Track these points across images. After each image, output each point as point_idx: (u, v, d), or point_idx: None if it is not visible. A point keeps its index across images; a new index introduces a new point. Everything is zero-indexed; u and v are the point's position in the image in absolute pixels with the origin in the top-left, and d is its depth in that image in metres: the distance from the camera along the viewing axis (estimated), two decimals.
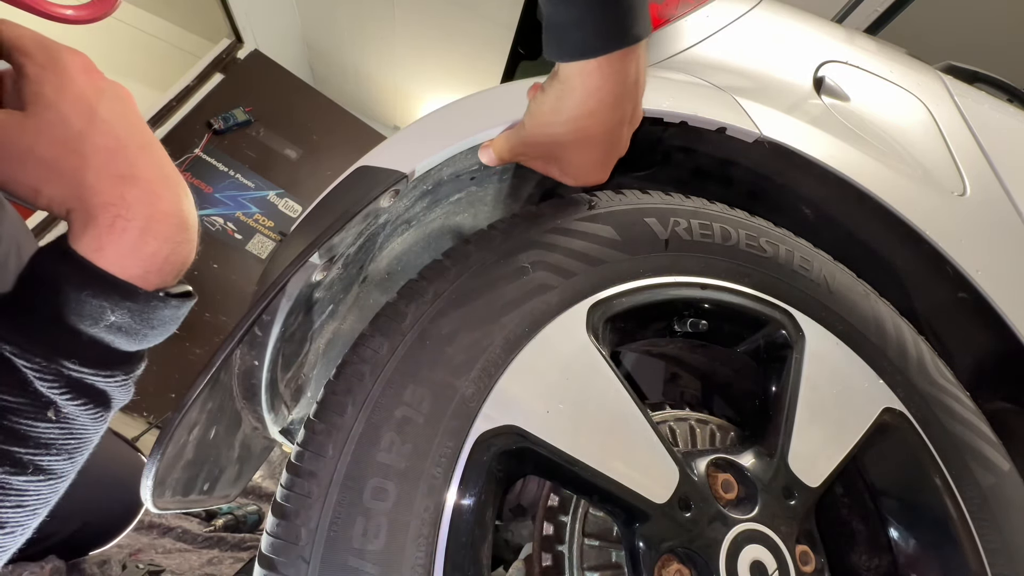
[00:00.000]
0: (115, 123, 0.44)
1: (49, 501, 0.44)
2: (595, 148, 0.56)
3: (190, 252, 0.47)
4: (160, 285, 0.45)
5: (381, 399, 0.48)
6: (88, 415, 0.44)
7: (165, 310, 0.45)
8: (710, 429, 0.65)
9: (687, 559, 0.51)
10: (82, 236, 0.42)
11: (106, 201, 0.42)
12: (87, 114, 0.43)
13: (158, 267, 0.44)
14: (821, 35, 0.96)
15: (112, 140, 0.43)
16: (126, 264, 0.42)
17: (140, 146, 0.45)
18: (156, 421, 2.66)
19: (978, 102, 0.98)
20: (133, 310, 0.43)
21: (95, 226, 0.42)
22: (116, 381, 0.45)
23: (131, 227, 0.42)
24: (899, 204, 0.75)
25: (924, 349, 0.70)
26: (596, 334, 0.56)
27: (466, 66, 4.50)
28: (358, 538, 0.43)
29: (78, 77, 0.44)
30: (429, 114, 0.62)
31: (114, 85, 0.46)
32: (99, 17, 0.50)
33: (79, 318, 0.41)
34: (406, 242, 0.74)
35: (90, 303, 0.41)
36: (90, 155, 0.42)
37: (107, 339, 0.43)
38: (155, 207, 0.43)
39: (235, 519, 1.92)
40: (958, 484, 0.62)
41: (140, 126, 0.46)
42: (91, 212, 0.42)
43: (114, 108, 0.44)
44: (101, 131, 0.43)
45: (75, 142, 0.42)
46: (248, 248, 3.27)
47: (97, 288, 0.41)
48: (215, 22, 3.67)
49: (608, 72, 0.49)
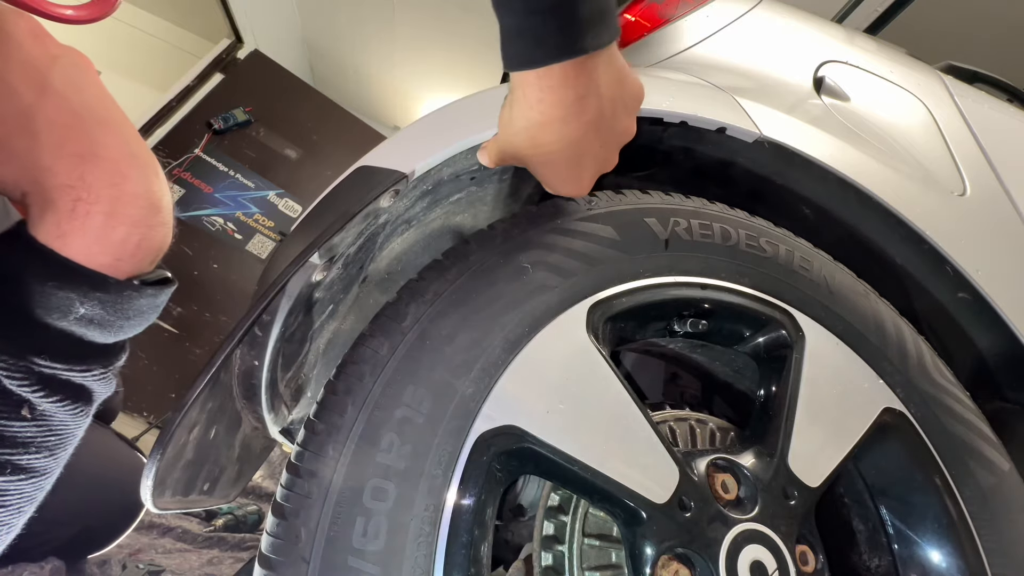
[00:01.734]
0: (71, 95, 0.39)
1: (35, 498, 0.42)
2: (556, 158, 0.51)
3: (165, 235, 0.44)
4: (134, 273, 0.42)
5: (381, 399, 0.48)
6: (66, 411, 0.41)
7: (140, 299, 0.42)
8: (710, 429, 0.65)
9: (687, 559, 0.51)
10: (41, 222, 0.38)
11: (64, 183, 0.38)
12: (37, 85, 0.38)
13: (130, 253, 0.41)
14: (821, 35, 0.96)
15: (67, 114, 0.39)
16: (93, 252, 0.39)
17: (101, 120, 0.40)
18: (156, 421, 2.66)
19: (978, 102, 0.98)
20: (105, 301, 0.40)
21: (54, 211, 0.38)
22: (94, 375, 0.42)
23: (95, 211, 0.38)
24: (899, 204, 0.75)
25: (924, 349, 0.70)
26: (596, 334, 0.56)
27: (466, 66, 4.50)
28: (358, 538, 0.43)
29: (26, 42, 0.38)
30: (429, 114, 0.62)
31: (70, 51, 0.41)
32: (99, 17, 0.49)
33: (45, 311, 0.38)
34: (406, 242, 0.74)
35: (56, 295, 0.38)
36: (43, 132, 0.38)
37: (79, 332, 0.40)
38: (120, 188, 0.39)
39: (235, 519, 1.92)
40: (958, 484, 0.62)
41: (100, 97, 0.41)
42: (49, 196, 0.38)
43: (70, 78, 0.40)
44: (55, 104, 0.38)
45: (24, 117, 0.37)
46: (248, 248, 3.27)
47: (62, 279, 0.38)
48: (215, 22, 3.67)
49: (548, 84, 0.45)
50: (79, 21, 0.47)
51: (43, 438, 0.40)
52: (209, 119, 3.33)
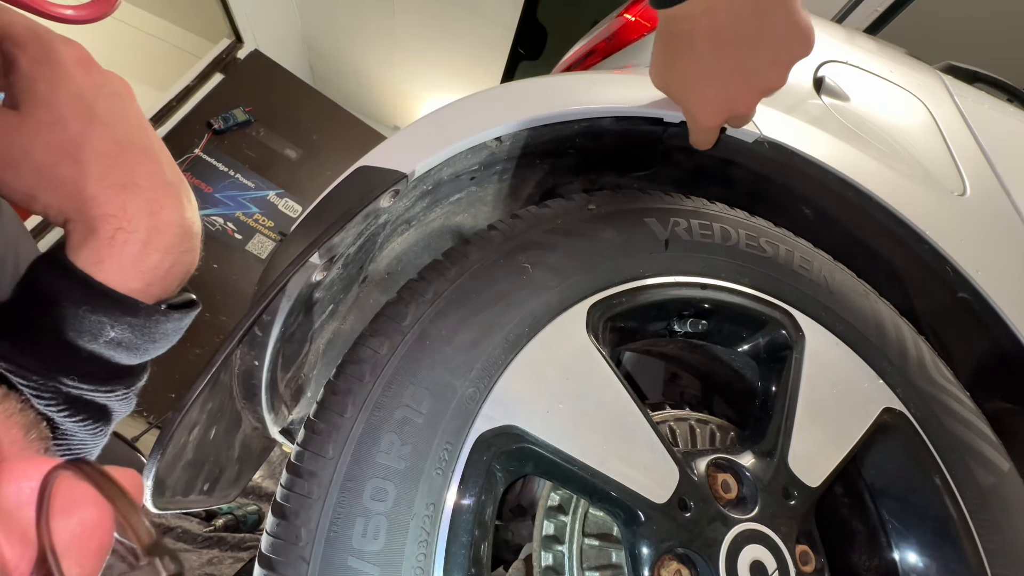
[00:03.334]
0: (115, 125, 0.41)
1: None
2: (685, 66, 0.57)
3: (194, 260, 0.45)
4: (162, 297, 0.43)
5: (381, 399, 0.48)
6: (87, 430, 0.42)
7: (167, 324, 0.43)
8: (710, 429, 0.65)
9: (687, 559, 0.51)
10: (81, 248, 0.39)
11: (107, 213, 0.39)
12: (85, 115, 0.39)
13: (160, 279, 0.42)
14: (821, 35, 0.95)
15: (112, 144, 0.40)
16: (127, 278, 0.40)
17: (142, 150, 0.42)
18: (156, 421, 2.66)
19: (978, 102, 0.98)
20: (134, 325, 0.40)
21: (95, 239, 0.39)
22: (117, 395, 0.43)
23: (132, 239, 0.39)
24: (899, 204, 0.75)
25: (924, 349, 0.70)
26: (596, 334, 0.55)
27: (466, 66, 4.50)
28: (358, 538, 0.43)
29: (75, 72, 0.40)
30: (429, 114, 0.62)
31: (111, 79, 0.42)
32: (99, 17, 0.49)
33: (77, 334, 0.39)
34: (406, 242, 0.74)
35: (89, 319, 0.39)
36: (89, 162, 0.39)
37: (107, 354, 0.40)
38: (157, 217, 0.41)
39: (235, 519, 1.92)
40: (958, 484, 0.62)
41: (141, 126, 0.43)
42: (91, 224, 0.39)
43: (114, 107, 0.41)
44: (100, 134, 0.40)
45: (73, 147, 0.38)
46: (248, 248, 3.27)
47: (96, 303, 0.39)
48: (215, 22, 3.67)
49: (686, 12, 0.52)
50: (79, 21, 0.47)
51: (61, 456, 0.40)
52: (209, 119, 3.33)
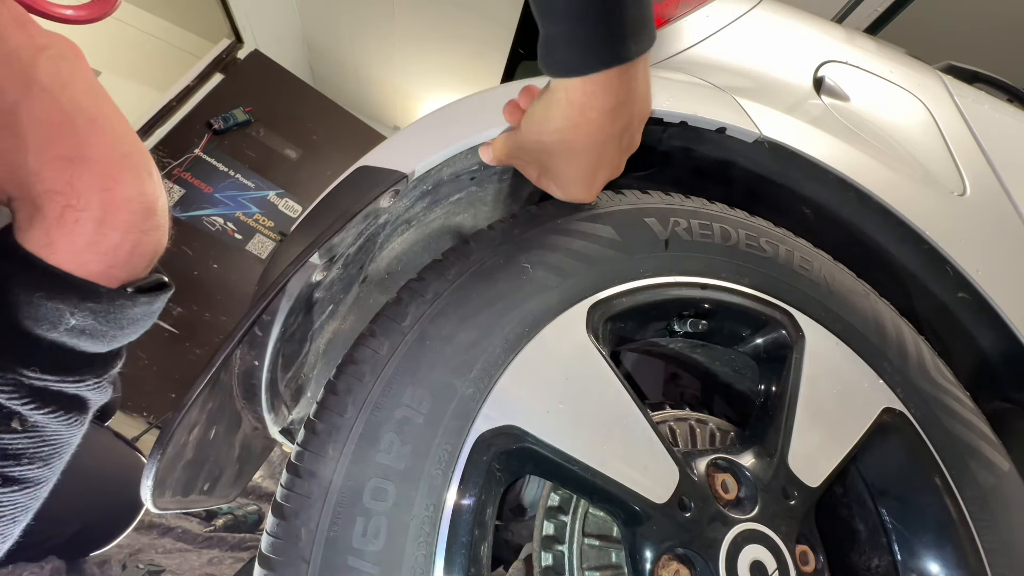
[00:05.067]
0: (59, 90, 0.36)
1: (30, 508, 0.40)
2: (580, 161, 0.54)
3: (160, 239, 0.41)
4: (128, 279, 0.39)
5: (381, 399, 0.48)
6: (59, 422, 0.39)
7: (134, 308, 0.39)
8: (710, 429, 0.65)
9: (687, 559, 0.51)
10: (28, 229, 0.35)
11: (51, 189, 0.35)
12: (23, 80, 0.35)
13: (123, 260, 0.38)
14: (821, 35, 0.96)
15: (55, 112, 0.35)
16: (84, 260, 0.36)
17: (91, 118, 0.37)
18: (156, 421, 2.66)
19: (978, 102, 0.98)
20: (96, 311, 0.37)
21: (42, 218, 0.35)
22: (87, 385, 0.40)
23: (85, 218, 0.36)
24: (899, 204, 0.75)
25: (924, 349, 0.70)
26: (596, 334, 0.56)
27: (466, 66, 4.50)
28: (358, 538, 0.43)
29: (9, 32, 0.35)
30: (429, 114, 0.62)
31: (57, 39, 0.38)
32: (99, 17, 0.49)
33: (34, 322, 0.35)
34: (406, 242, 0.74)
35: (44, 306, 0.35)
36: (29, 133, 0.35)
37: (70, 343, 0.37)
38: (112, 193, 0.37)
39: (235, 519, 1.92)
40: (958, 484, 0.62)
41: (90, 92, 0.38)
42: (35, 202, 0.35)
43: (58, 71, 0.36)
44: (41, 102, 0.35)
45: (8, 117, 0.34)
46: (248, 248, 3.27)
47: (52, 289, 0.35)
48: (215, 22, 3.67)
49: (592, 90, 0.47)
50: (79, 21, 0.47)
51: (36, 449, 0.38)
52: (209, 119, 3.33)
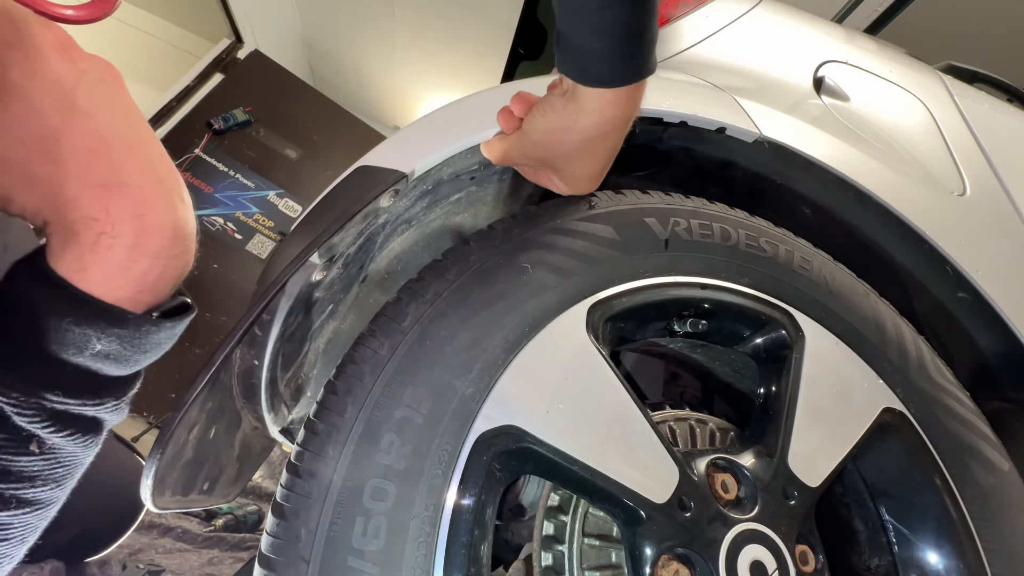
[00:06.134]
0: (98, 116, 0.36)
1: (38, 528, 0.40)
2: (597, 162, 0.59)
3: (188, 263, 0.41)
4: (154, 303, 0.40)
5: (381, 399, 0.48)
6: (76, 443, 0.39)
7: (159, 334, 0.40)
8: (710, 429, 0.65)
9: (687, 559, 0.51)
10: (62, 254, 0.36)
11: (88, 215, 0.35)
12: (64, 106, 0.35)
13: (151, 286, 0.38)
14: (821, 35, 0.96)
15: (94, 139, 0.36)
16: (113, 286, 0.36)
17: (128, 145, 0.37)
18: (156, 421, 2.65)
19: (978, 102, 0.98)
20: (123, 336, 0.37)
21: (76, 244, 0.35)
22: (107, 407, 0.40)
23: (118, 244, 0.36)
24: (899, 204, 0.75)
25: (924, 349, 0.70)
26: (596, 334, 0.55)
27: (466, 66, 4.50)
28: (358, 538, 0.43)
29: (53, 57, 0.35)
30: (429, 114, 0.62)
31: (96, 64, 0.38)
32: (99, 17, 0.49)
33: (61, 347, 0.35)
34: (406, 242, 0.74)
35: (73, 331, 0.35)
36: (68, 159, 0.35)
37: (94, 367, 0.37)
38: (145, 220, 0.37)
39: (235, 519, 1.92)
40: (958, 484, 0.62)
41: (128, 117, 0.38)
42: (71, 228, 0.35)
43: (97, 97, 0.37)
44: (81, 128, 0.35)
45: (50, 143, 0.35)
46: (248, 248, 3.27)
47: (81, 315, 0.35)
48: (215, 22, 3.67)
49: (625, 100, 0.52)
50: (79, 21, 0.47)
51: (51, 471, 0.38)
52: (209, 119, 3.33)
